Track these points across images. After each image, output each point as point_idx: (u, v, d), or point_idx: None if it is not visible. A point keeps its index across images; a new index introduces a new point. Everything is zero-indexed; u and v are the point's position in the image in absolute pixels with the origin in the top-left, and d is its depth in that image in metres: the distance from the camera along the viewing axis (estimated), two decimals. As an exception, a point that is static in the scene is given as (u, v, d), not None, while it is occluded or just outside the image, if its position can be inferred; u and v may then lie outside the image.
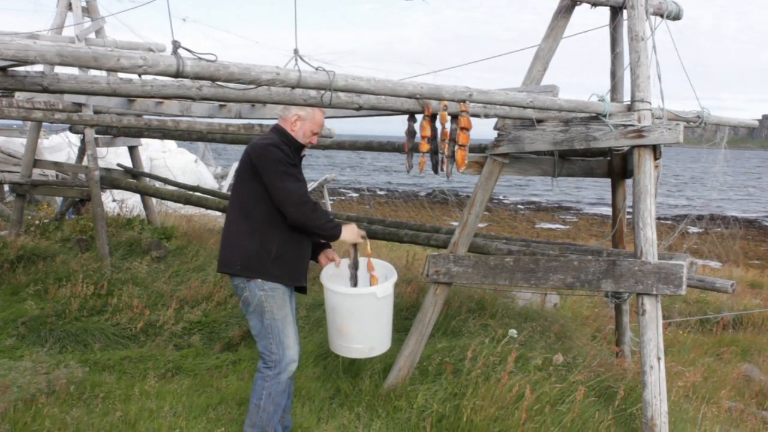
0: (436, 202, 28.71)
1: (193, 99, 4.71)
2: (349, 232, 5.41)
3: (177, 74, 3.48)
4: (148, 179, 14.07)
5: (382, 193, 44.38)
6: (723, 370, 8.77)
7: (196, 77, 3.60)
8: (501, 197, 51.11)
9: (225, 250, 5.30)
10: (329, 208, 18.96)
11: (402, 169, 6.06)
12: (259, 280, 5.18)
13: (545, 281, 5.96)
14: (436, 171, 5.29)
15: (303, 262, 5.44)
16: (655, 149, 5.63)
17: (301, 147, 5.37)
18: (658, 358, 5.46)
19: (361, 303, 5.61)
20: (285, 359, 5.25)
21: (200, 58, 3.53)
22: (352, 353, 5.90)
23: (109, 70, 3.47)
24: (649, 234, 5.51)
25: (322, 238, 5.49)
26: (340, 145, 9.55)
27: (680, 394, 6.49)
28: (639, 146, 5.58)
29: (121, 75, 4.18)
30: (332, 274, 5.69)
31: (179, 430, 5.78)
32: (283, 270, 5.25)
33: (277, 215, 5.13)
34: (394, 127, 5.59)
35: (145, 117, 10.13)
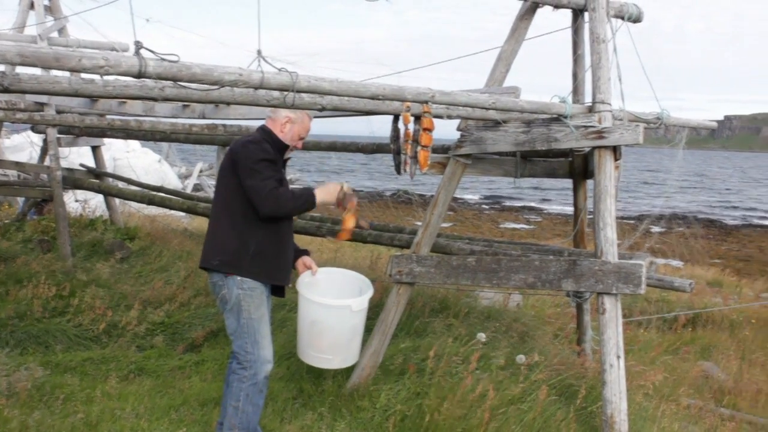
0: (401, 202, 28.73)
1: (155, 100, 4.69)
2: (326, 193, 5.33)
3: (139, 75, 3.47)
4: (111, 179, 13.98)
5: (347, 193, 44.29)
6: (682, 368, 8.88)
7: (159, 78, 3.59)
8: (465, 197, 51.27)
9: (206, 246, 5.33)
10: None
11: (364, 170, 6.09)
12: (238, 277, 5.18)
13: (507, 281, 6.00)
14: (399, 171, 5.31)
15: (282, 261, 5.43)
16: (615, 150, 5.69)
17: (286, 147, 5.39)
18: (618, 357, 5.52)
19: (335, 314, 5.63)
20: (260, 359, 5.24)
21: (163, 59, 3.52)
22: (322, 363, 5.91)
23: (71, 70, 3.45)
24: (609, 234, 5.57)
25: (306, 212, 5.50)
26: (304, 146, 9.53)
27: (640, 391, 6.57)
28: (599, 147, 5.64)
29: (83, 75, 4.16)
30: (308, 282, 5.68)
31: (141, 431, 5.76)
32: (262, 267, 5.25)
33: (256, 212, 5.14)
34: (358, 128, 5.61)
35: (108, 117, 10.07)
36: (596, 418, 5.82)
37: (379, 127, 6.86)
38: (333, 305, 5.59)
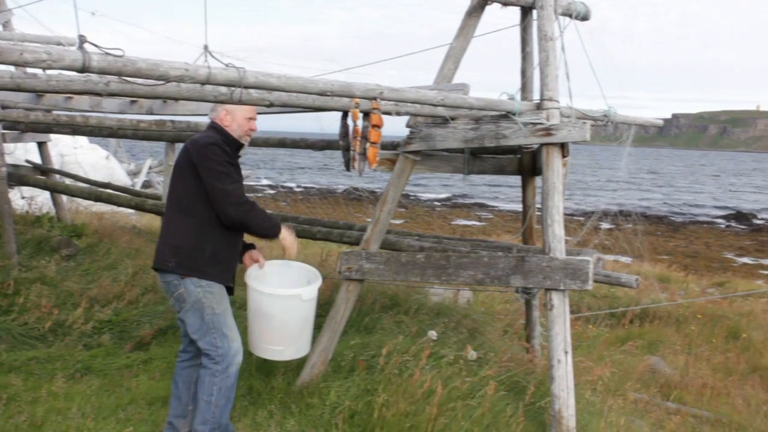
0: (353, 199, 28.74)
1: (100, 95, 4.62)
2: (287, 241, 5.39)
3: (83, 69, 3.42)
4: (58, 176, 13.77)
5: (298, 190, 44.28)
6: (630, 362, 8.98)
7: (103, 72, 3.55)
8: (417, 194, 51.43)
9: (161, 247, 5.26)
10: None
11: (315, 166, 6.08)
12: (195, 278, 5.14)
13: (456, 277, 6.02)
14: (348, 168, 5.31)
15: (233, 262, 5.44)
16: (563, 147, 5.74)
17: (240, 146, 5.38)
18: (566, 352, 5.57)
19: (286, 304, 5.60)
20: (231, 351, 5.21)
21: (107, 53, 3.47)
22: (274, 355, 5.88)
23: (13, 64, 3.39)
24: (557, 230, 5.61)
25: (260, 237, 5.45)
26: (253, 142, 9.47)
27: (588, 387, 6.63)
28: (547, 144, 5.68)
29: (29, 69, 4.09)
30: (256, 275, 5.65)
31: (87, 430, 5.69)
32: (218, 269, 5.24)
33: (214, 214, 5.11)
34: (309, 125, 5.59)
35: (54, 112, 9.92)
36: (544, 413, 5.87)
37: (329, 124, 6.84)
38: (283, 295, 5.57)
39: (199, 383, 5.28)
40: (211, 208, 5.08)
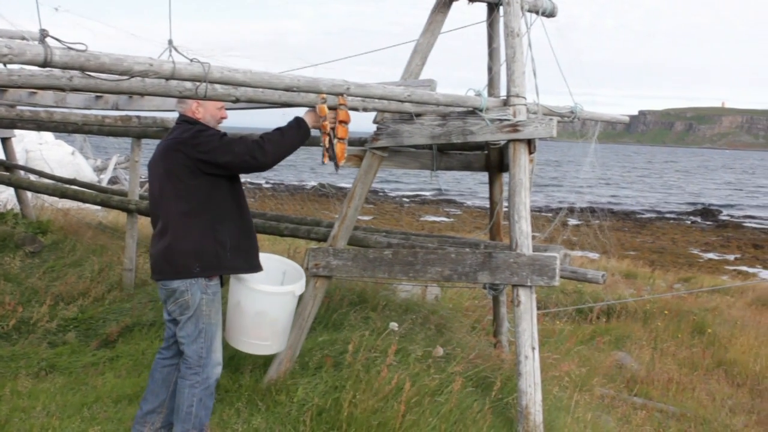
0: (322, 195, 28.71)
1: (63, 89, 4.56)
2: (310, 118, 5.21)
3: (45, 64, 3.36)
4: (22, 172, 13.62)
5: (267, 186, 44.11)
6: (597, 358, 9.04)
7: (65, 67, 3.49)
8: (385, 191, 51.45)
9: (176, 256, 5.09)
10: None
11: (284, 163, 6.04)
12: (204, 282, 5.08)
13: (423, 274, 6.02)
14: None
15: (255, 247, 5.43)
16: (530, 143, 5.75)
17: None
18: (533, 348, 5.58)
19: (280, 301, 5.67)
20: (211, 363, 5.20)
21: (70, 48, 3.42)
22: (260, 350, 5.91)
23: (-28, 58, 3.33)
24: (524, 226, 5.62)
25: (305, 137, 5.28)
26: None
27: (555, 382, 6.65)
28: (514, 140, 5.69)
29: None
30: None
31: (52, 429, 5.61)
32: (242, 260, 5.25)
33: (221, 205, 5.11)
34: (278, 120, 5.55)
35: (17, 107, 9.80)
36: (512, 409, 5.88)
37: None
38: (278, 293, 5.65)
39: (178, 393, 5.25)
40: (217, 200, 5.08)
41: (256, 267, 5.39)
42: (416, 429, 5.41)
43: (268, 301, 5.61)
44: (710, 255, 30.87)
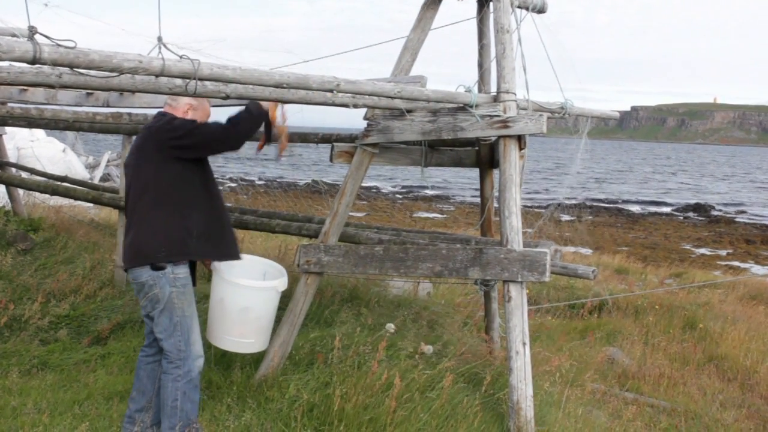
0: (315, 192, 28.70)
1: (52, 86, 4.55)
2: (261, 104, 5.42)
3: (34, 61, 3.36)
4: (14, 169, 13.59)
5: (260, 183, 44.08)
6: (588, 353, 9.06)
7: (55, 64, 3.48)
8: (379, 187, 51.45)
9: (142, 242, 5.15)
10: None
11: (284, 160, 6.07)
12: (171, 274, 5.09)
13: (414, 270, 6.03)
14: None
15: (228, 235, 5.43)
16: (520, 139, 5.75)
17: None
18: (524, 344, 5.59)
19: (263, 297, 5.70)
20: (192, 355, 5.22)
21: (58, 44, 3.42)
22: (243, 348, 5.91)
23: (-40, 55, 3.32)
24: (514, 222, 5.63)
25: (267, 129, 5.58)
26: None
27: (546, 378, 6.67)
28: (504, 136, 5.69)
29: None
30: (222, 268, 5.64)
31: (43, 426, 5.61)
32: (211, 244, 5.26)
33: (189, 192, 5.13)
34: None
35: (8, 105, 9.78)
36: (503, 404, 5.89)
37: (289, 117, 6.82)
38: (262, 287, 5.66)
39: (162, 389, 5.26)
40: (184, 187, 5.10)
41: (228, 255, 5.39)
42: (407, 425, 5.42)
43: (253, 297, 5.62)
44: (702, 250, 30.94)
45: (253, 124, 5.29)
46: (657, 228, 37.53)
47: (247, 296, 5.59)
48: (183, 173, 5.11)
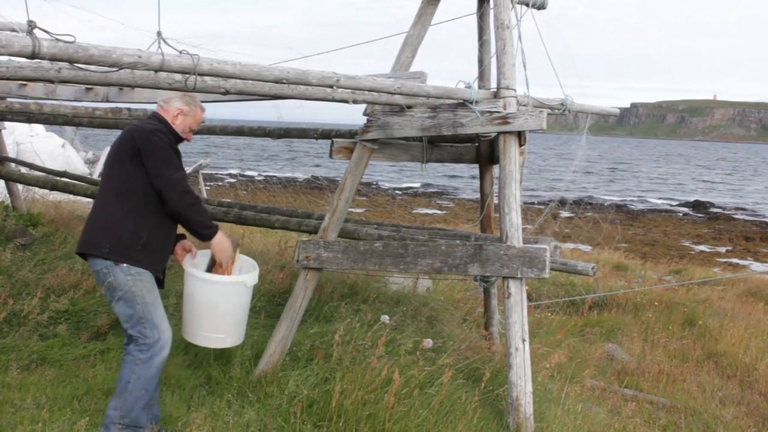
0: (314, 187, 28.70)
1: (51, 81, 4.56)
2: (221, 245, 5.37)
3: (33, 55, 3.35)
4: (13, 164, 13.58)
5: (260, 179, 44.10)
6: (587, 350, 9.06)
7: (53, 59, 3.49)
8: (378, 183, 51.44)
9: (93, 231, 5.20)
10: (204, 195, 18.72)
11: (280, 154, 6.08)
12: (125, 264, 5.08)
13: (414, 266, 6.02)
14: None
15: (166, 252, 5.41)
16: (520, 135, 5.75)
17: (180, 140, 5.36)
18: (523, 340, 5.60)
19: (232, 292, 5.63)
20: (160, 342, 5.19)
21: (58, 39, 3.42)
22: (215, 343, 5.87)
23: (-41, 49, 3.32)
24: (514, 219, 5.63)
25: (195, 235, 5.37)
26: (211, 130, 9.40)
27: (545, 374, 6.67)
28: (504, 132, 5.69)
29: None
30: (193, 264, 5.64)
31: (42, 422, 5.60)
32: (150, 258, 5.19)
33: (153, 202, 5.08)
34: (266, 112, 5.59)
35: (7, 99, 9.77)
36: (502, 400, 5.90)
37: (287, 113, 6.81)
38: (228, 282, 5.60)
39: (122, 366, 5.27)
40: (150, 196, 5.06)
41: (156, 270, 5.30)
42: (406, 420, 5.42)
43: (220, 292, 5.59)
44: (702, 247, 30.94)
45: (199, 225, 5.22)
46: (656, 225, 37.53)
47: (215, 291, 5.57)
48: (150, 183, 5.09)
